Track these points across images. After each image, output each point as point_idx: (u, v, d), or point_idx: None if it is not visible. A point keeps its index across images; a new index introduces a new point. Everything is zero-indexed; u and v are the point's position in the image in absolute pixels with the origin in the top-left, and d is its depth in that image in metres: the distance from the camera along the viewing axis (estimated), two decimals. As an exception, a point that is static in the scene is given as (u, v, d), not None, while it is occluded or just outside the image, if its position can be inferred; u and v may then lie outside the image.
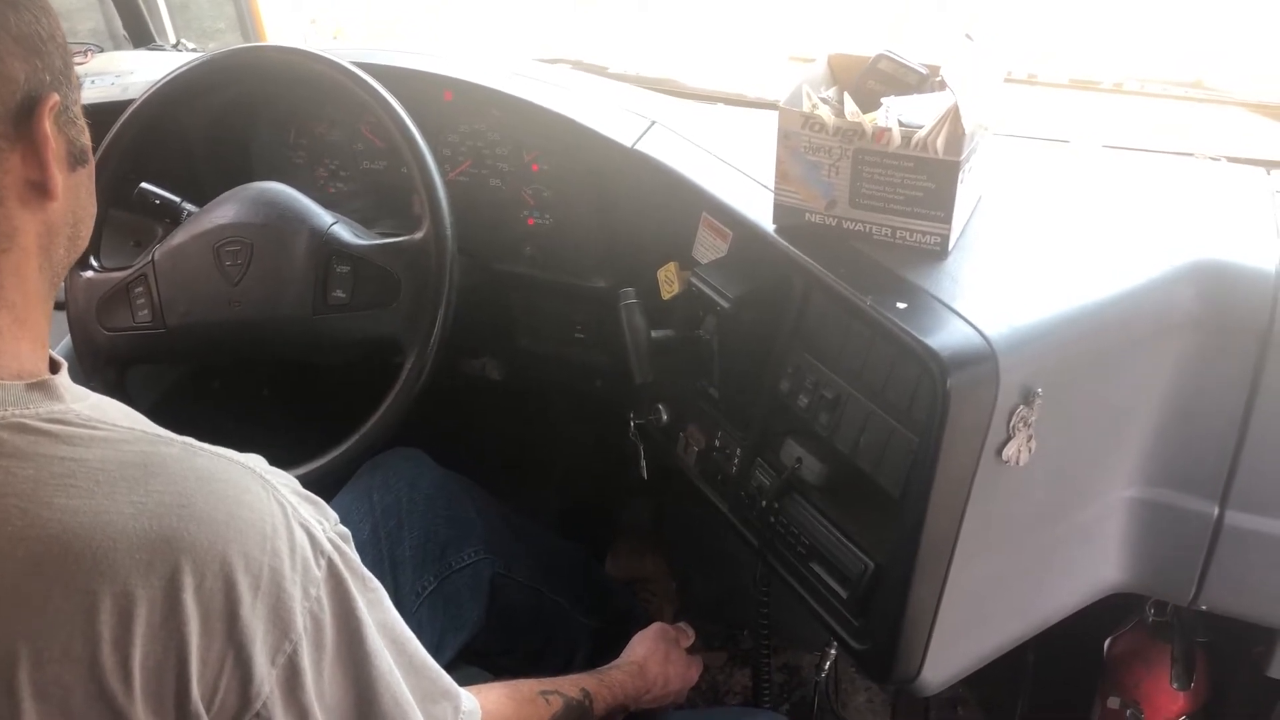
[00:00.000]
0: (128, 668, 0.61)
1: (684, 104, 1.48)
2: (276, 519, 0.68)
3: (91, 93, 1.49)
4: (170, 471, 0.65)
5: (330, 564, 0.71)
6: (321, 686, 0.70)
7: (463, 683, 0.87)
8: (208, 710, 0.64)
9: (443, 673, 0.84)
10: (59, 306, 1.32)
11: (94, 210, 0.77)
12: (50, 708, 0.60)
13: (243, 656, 0.65)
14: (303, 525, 0.70)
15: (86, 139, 0.74)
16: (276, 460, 1.22)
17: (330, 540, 0.72)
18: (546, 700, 1.04)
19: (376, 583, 0.78)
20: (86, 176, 0.75)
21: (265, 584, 0.66)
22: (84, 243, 0.76)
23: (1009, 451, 0.94)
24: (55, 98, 0.68)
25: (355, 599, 0.72)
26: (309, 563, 0.69)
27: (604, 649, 1.48)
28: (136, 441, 0.66)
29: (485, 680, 1.43)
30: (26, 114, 0.66)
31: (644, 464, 1.36)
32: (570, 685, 1.09)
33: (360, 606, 0.73)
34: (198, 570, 0.63)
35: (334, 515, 0.75)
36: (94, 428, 0.66)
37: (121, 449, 0.65)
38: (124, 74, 1.54)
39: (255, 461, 0.71)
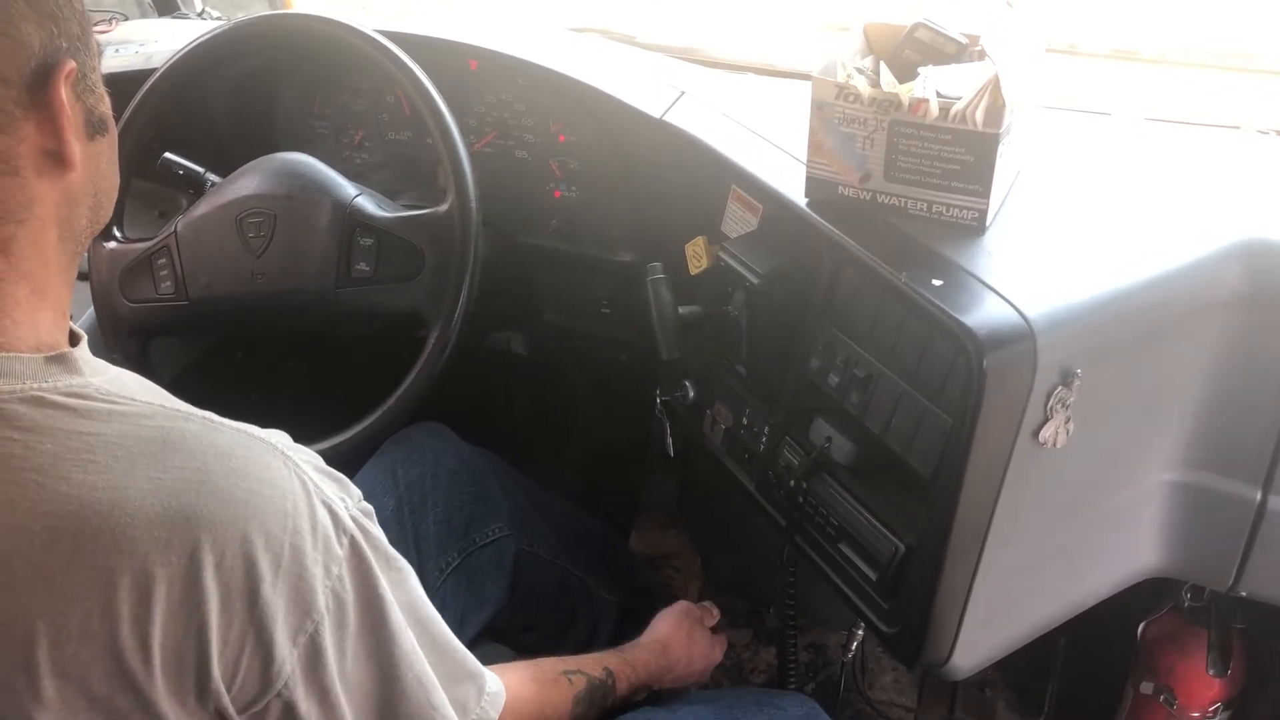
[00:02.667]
0: (147, 646, 0.61)
1: (714, 74, 1.45)
2: (298, 496, 0.67)
3: (114, 61, 1.48)
4: (190, 447, 0.64)
5: (353, 542, 0.70)
6: (344, 666, 0.69)
7: (485, 660, 0.86)
8: (228, 689, 0.63)
9: (467, 653, 0.83)
10: (83, 277, 1.31)
11: (117, 181, 0.76)
12: (69, 686, 0.60)
13: (264, 636, 0.64)
14: (325, 503, 0.69)
15: (106, 107, 0.72)
16: (300, 434, 1.21)
17: (353, 518, 0.71)
18: (570, 680, 1.03)
19: (402, 561, 0.77)
20: (108, 146, 0.73)
21: (286, 562, 0.65)
22: (107, 214, 0.75)
23: (1046, 433, 0.92)
24: (72, 64, 0.66)
25: (378, 577, 0.71)
26: (331, 541, 0.68)
27: (628, 625, 1.47)
28: (155, 416, 0.65)
29: (508, 657, 1.43)
30: (42, 81, 0.65)
31: (670, 441, 1.34)
32: (593, 664, 1.08)
33: (383, 585, 0.72)
34: (217, 548, 0.62)
35: (357, 492, 0.73)
36: (113, 402, 0.65)
37: (141, 424, 0.64)
38: (148, 42, 1.53)
39: (278, 437, 0.70)
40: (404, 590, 0.76)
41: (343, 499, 0.71)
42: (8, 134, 0.64)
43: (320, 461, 0.72)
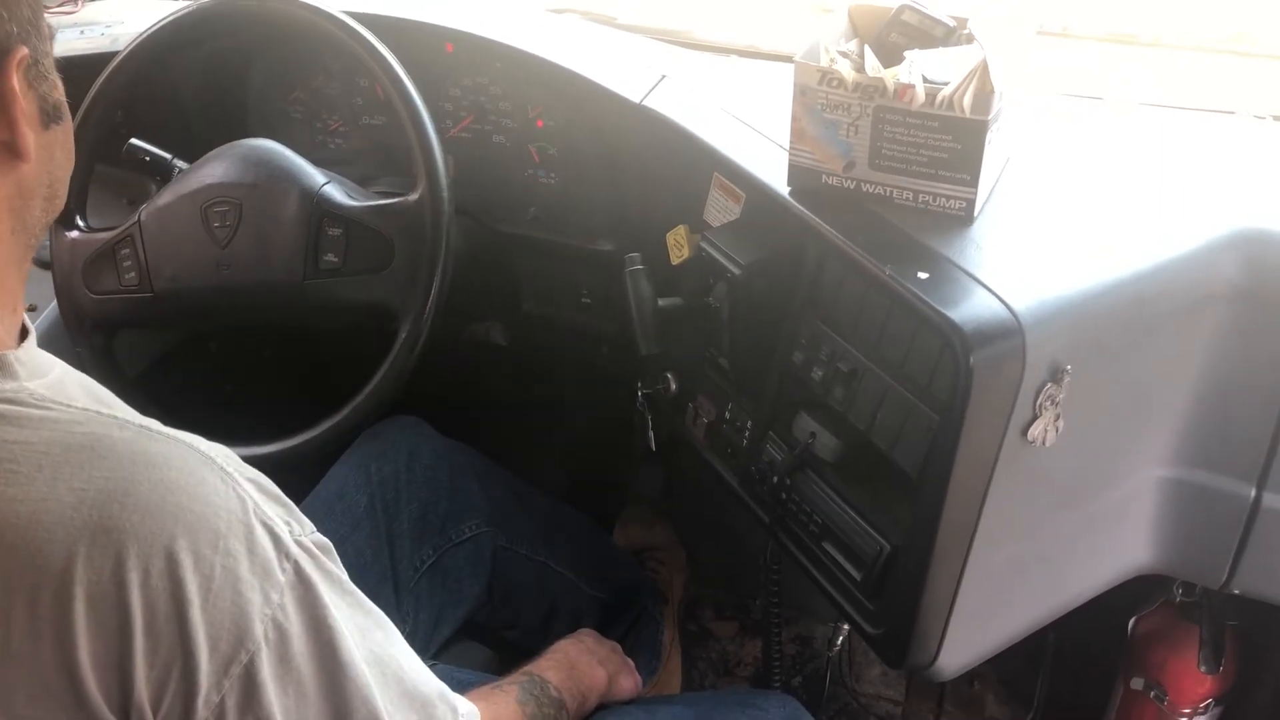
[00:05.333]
0: (72, 667, 0.57)
1: (696, 56, 1.42)
2: (234, 514, 0.63)
3: (79, 44, 1.44)
4: (118, 455, 0.60)
5: (297, 568, 0.65)
6: (286, 701, 0.64)
7: (462, 657, 0.82)
8: (154, 714, 0.60)
9: (434, 684, 0.78)
10: (45, 266, 1.27)
11: (71, 167, 0.72)
12: None
13: (190, 664, 0.60)
14: (265, 524, 0.64)
15: (60, 94, 0.69)
16: (271, 428, 1.19)
17: (299, 542, 0.66)
18: (502, 690, 0.98)
19: (362, 596, 0.73)
20: (63, 134, 0.70)
21: (218, 585, 0.61)
22: (61, 202, 0.72)
23: (1035, 431, 0.89)
24: (23, 50, 0.63)
25: (326, 608, 0.67)
26: (271, 565, 0.64)
27: (611, 621, 1.45)
28: (88, 423, 0.62)
29: (487, 656, 1.41)
30: None
31: (651, 434, 1.32)
32: (512, 676, 1.03)
33: (332, 616, 0.67)
34: (141, 564, 0.58)
35: (309, 524, 0.69)
36: (46, 408, 0.61)
37: (70, 430, 0.61)
38: (114, 23, 1.49)
39: (219, 452, 0.66)
40: (360, 617, 0.71)
41: (289, 523, 0.67)
42: None
43: (268, 483, 0.68)
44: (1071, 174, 1.10)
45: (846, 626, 1.42)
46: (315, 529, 0.69)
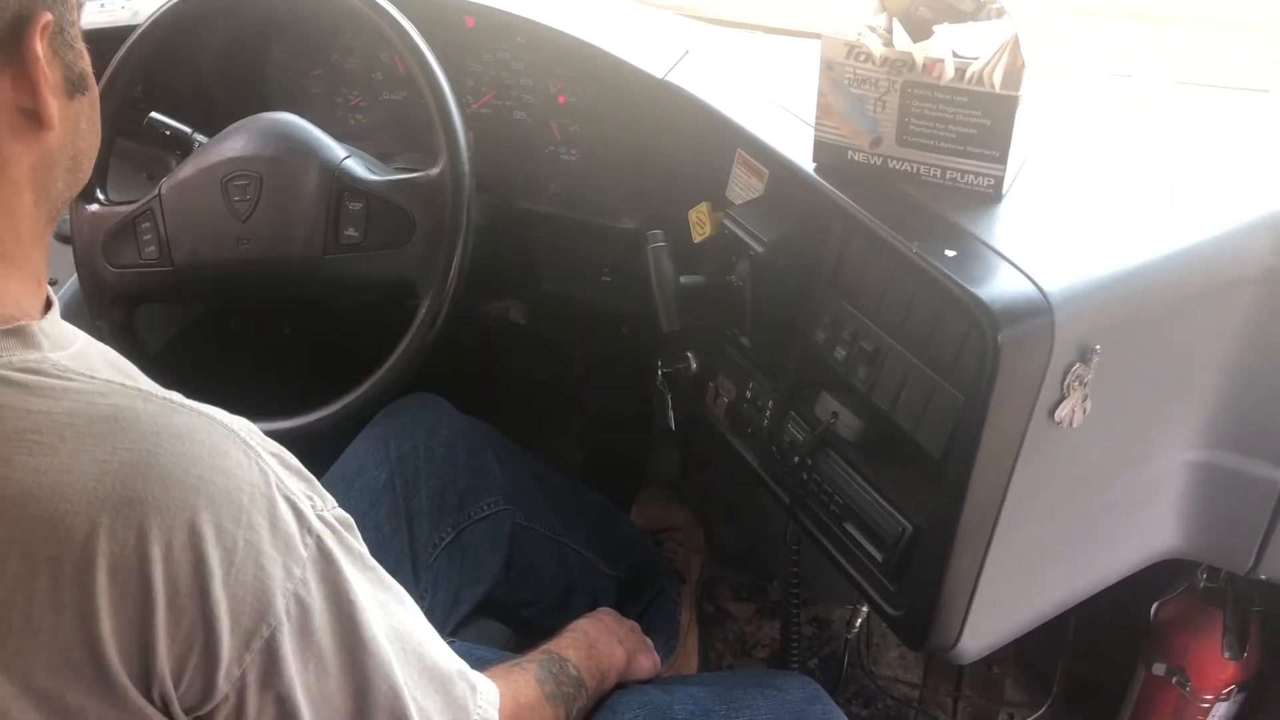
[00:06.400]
0: (94, 640, 0.57)
1: (720, 32, 1.40)
2: (256, 488, 0.62)
3: (100, 17, 1.43)
4: (141, 427, 0.60)
5: (320, 543, 0.65)
6: (307, 677, 0.64)
7: (480, 634, 0.82)
8: (176, 688, 0.60)
9: (453, 661, 0.77)
10: (66, 240, 1.27)
11: (97, 141, 0.72)
12: (13, 679, 0.56)
13: (212, 638, 0.60)
14: (288, 498, 0.64)
15: (86, 64, 0.68)
16: (290, 403, 1.19)
17: (320, 517, 0.66)
18: (521, 668, 0.97)
19: (384, 573, 0.73)
20: (88, 105, 0.69)
21: (240, 559, 0.60)
22: (85, 175, 0.71)
23: (1062, 412, 0.88)
24: (47, 17, 0.62)
25: (348, 582, 0.66)
26: (293, 539, 0.63)
27: (628, 600, 1.44)
28: (112, 394, 0.61)
29: (504, 634, 1.41)
30: (16, 35, 0.61)
31: (671, 413, 1.31)
32: (530, 655, 1.02)
33: (354, 591, 0.67)
34: (163, 537, 0.58)
35: (331, 499, 0.69)
36: (69, 379, 0.61)
37: (93, 401, 0.60)
38: (134, -3, 1.48)
39: (242, 425, 0.65)
40: (380, 592, 0.71)
41: (311, 497, 0.66)
42: None
43: (290, 457, 0.68)
44: (1102, 152, 1.08)
45: (865, 608, 1.42)
46: (336, 504, 0.69)
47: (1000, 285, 0.84)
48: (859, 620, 1.44)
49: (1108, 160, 1.07)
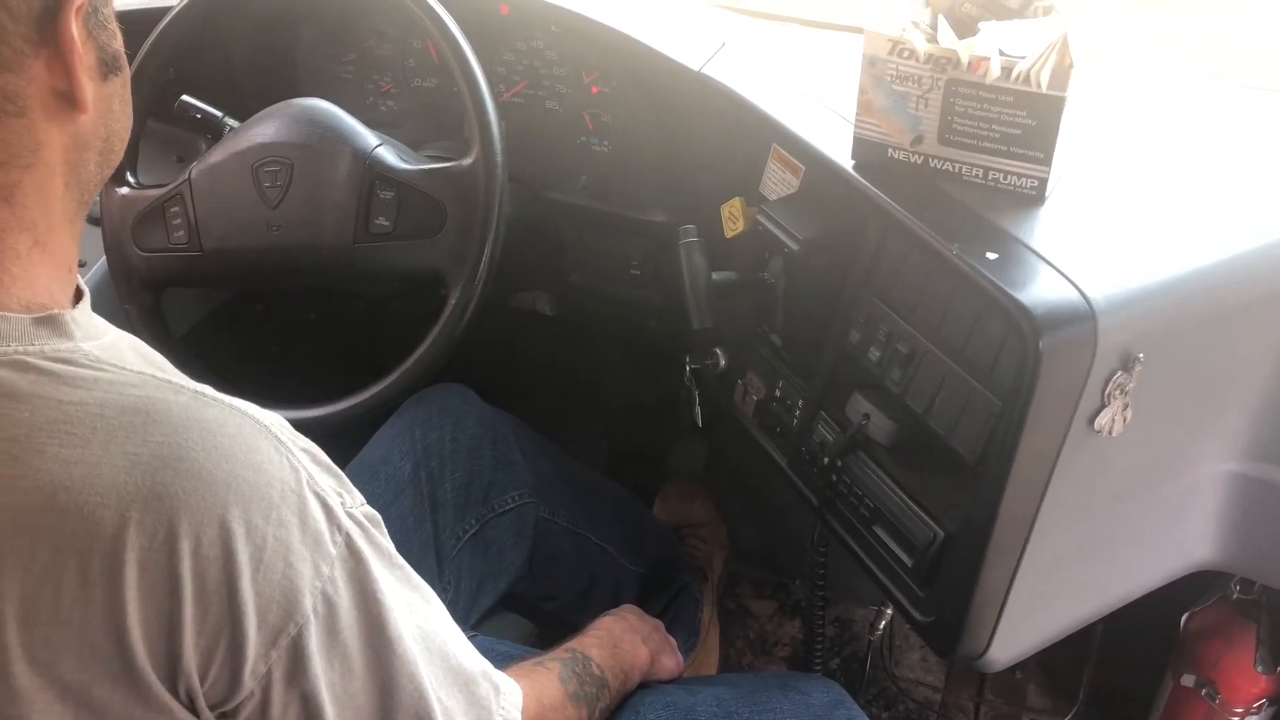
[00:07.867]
0: (121, 633, 0.57)
1: (758, 24, 1.39)
2: (287, 485, 0.62)
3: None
4: (173, 420, 0.59)
5: (349, 541, 0.64)
6: (332, 675, 0.64)
7: (501, 628, 0.81)
8: (201, 683, 0.59)
9: (478, 661, 0.77)
10: (96, 222, 1.27)
11: (129, 124, 0.71)
12: (40, 671, 0.56)
13: (238, 634, 0.59)
14: (318, 495, 0.63)
15: (119, 45, 0.67)
16: (316, 392, 1.18)
17: (350, 514, 0.65)
18: (545, 666, 0.96)
19: (411, 571, 0.72)
20: (121, 86, 0.68)
21: (269, 556, 0.60)
22: (117, 158, 0.70)
23: (1102, 421, 0.86)
24: None
25: (376, 581, 0.66)
26: (323, 537, 0.62)
27: (650, 596, 1.43)
28: (143, 386, 0.60)
29: (526, 628, 1.40)
30: (50, 16, 0.60)
31: (698, 410, 1.30)
32: (553, 653, 1.01)
33: (381, 590, 0.66)
34: (193, 532, 0.57)
35: (360, 496, 0.68)
36: (101, 369, 0.60)
37: (125, 393, 0.60)
38: (167, -20, 1.47)
39: (273, 420, 0.64)
40: (407, 591, 0.70)
41: (340, 494, 0.65)
42: (15, 72, 0.59)
43: (320, 453, 0.67)
44: (1149, 154, 1.06)
45: (889, 611, 1.40)
46: (365, 501, 0.68)
47: (1042, 290, 0.83)
48: (883, 623, 1.43)
49: (1153, 161, 1.05)
